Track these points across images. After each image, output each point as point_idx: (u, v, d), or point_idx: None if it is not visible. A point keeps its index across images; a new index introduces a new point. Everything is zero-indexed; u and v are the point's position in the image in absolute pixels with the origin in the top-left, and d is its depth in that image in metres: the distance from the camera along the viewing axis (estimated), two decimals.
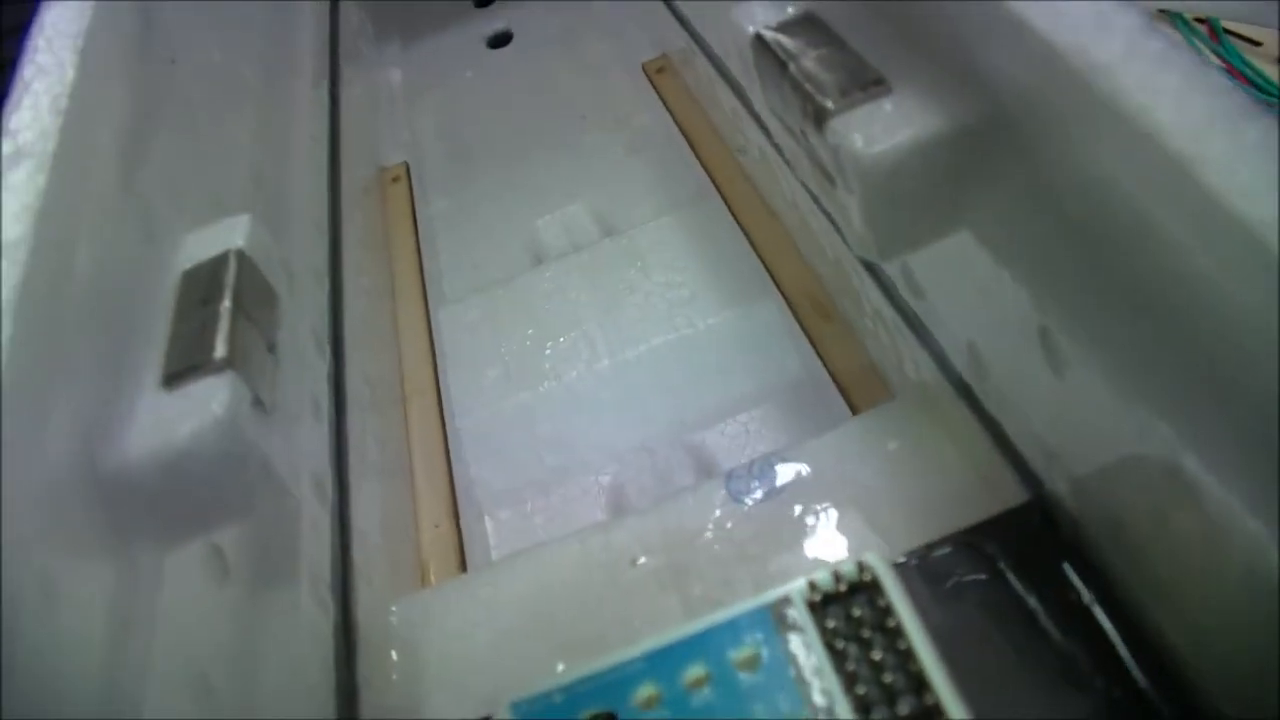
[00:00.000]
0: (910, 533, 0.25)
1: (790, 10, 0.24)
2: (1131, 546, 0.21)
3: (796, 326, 0.37)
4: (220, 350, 0.21)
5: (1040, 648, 0.21)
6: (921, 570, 0.23)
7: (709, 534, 0.27)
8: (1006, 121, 0.19)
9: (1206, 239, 0.15)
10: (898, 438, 0.28)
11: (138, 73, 0.27)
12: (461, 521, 0.35)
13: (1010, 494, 0.25)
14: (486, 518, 0.35)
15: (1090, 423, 0.21)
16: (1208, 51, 0.45)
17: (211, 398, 0.20)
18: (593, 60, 0.56)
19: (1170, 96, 0.15)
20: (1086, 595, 0.22)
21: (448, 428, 0.38)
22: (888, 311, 0.30)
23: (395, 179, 0.51)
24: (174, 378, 0.21)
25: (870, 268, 0.31)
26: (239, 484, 0.21)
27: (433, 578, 0.33)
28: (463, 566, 0.34)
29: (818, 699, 0.18)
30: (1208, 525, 0.18)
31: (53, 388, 0.19)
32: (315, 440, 0.29)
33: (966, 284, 0.24)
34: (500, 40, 0.60)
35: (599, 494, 0.35)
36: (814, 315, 0.37)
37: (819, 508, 0.27)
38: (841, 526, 0.26)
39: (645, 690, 0.19)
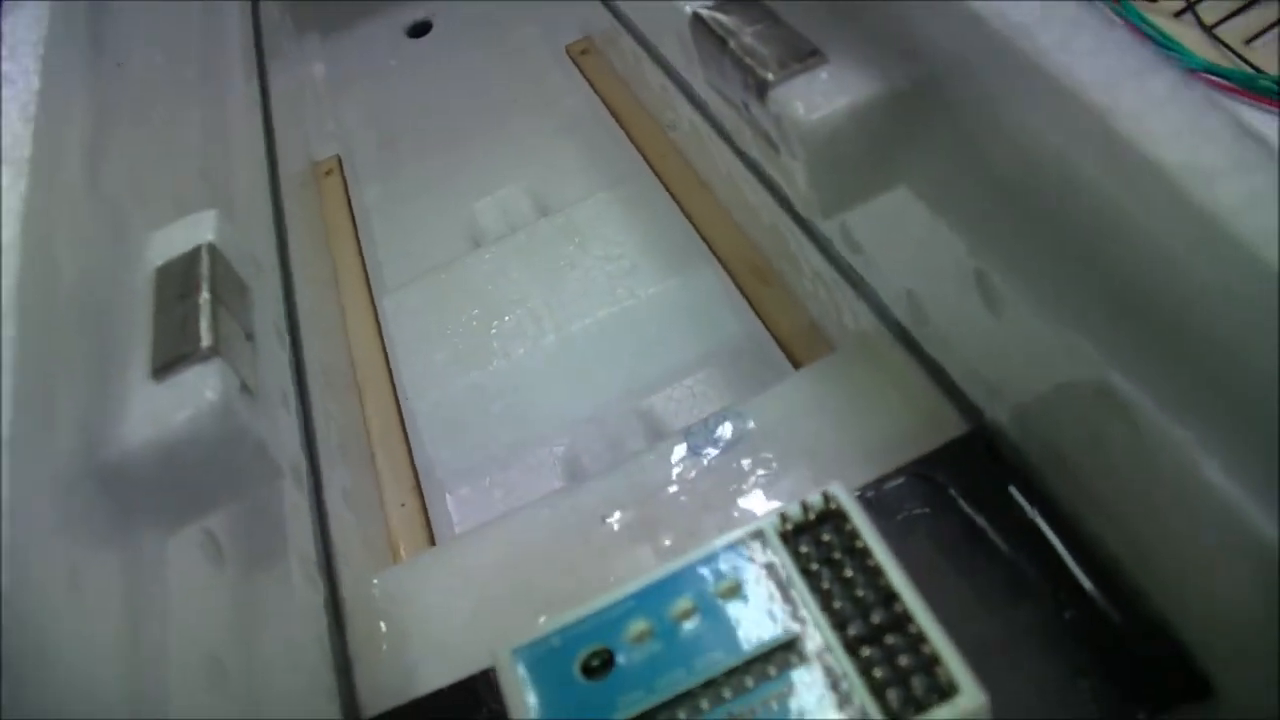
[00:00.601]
0: (862, 469, 0.27)
1: None
2: (1070, 463, 0.23)
3: (736, 292, 0.39)
4: (206, 339, 0.22)
5: (991, 562, 0.23)
6: (875, 502, 0.25)
7: (673, 488, 0.29)
8: (936, 82, 0.21)
9: (1121, 178, 0.17)
10: (842, 385, 0.30)
11: (92, 78, 0.28)
12: (426, 499, 0.36)
13: (954, 426, 0.27)
14: (448, 495, 0.36)
15: (1025, 353, 0.23)
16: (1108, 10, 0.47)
17: (204, 384, 0.21)
18: (515, 44, 0.57)
19: (1085, 55, 0.17)
20: (1031, 512, 0.24)
21: (403, 411, 0.39)
22: (826, 270, 0.32)
23: (328, 172, 0.51)
24: (163, 369, 0.22)
25: (808, 229, 0.32)
26: (235, 466, 0.22)
27: (403, 554, 0.34)
28: (431, 542, 0.35)
29: (797, 619, 0.20)
30: (1137, 436, 0.20)
31: (55, 385, 0.20)
32: (287, 427, 0.30)
33: (904, 236, 0.26)
34: (420, 29, 0.61)
35: (554, 464, 0.36)
36: (752, 280, 0.38)
37: (773, 456, 0.29)
38: (797, 469, 0.28)
39: (637, 626, 0.20)
